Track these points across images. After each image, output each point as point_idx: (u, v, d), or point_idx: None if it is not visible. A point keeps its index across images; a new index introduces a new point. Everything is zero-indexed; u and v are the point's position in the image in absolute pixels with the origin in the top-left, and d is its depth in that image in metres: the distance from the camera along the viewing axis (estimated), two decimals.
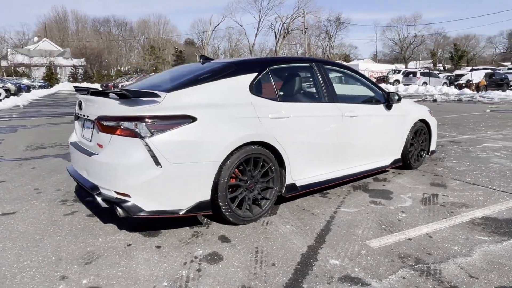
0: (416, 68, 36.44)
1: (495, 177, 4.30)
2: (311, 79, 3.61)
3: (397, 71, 31.37)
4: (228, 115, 2.77)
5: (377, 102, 4.14)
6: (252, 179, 2.92)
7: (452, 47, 59.07)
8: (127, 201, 2.48)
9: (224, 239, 2.70)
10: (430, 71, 31.81)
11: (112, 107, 2.61)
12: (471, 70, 27.14)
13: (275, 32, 50.10)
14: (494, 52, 71.29)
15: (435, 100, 17.65)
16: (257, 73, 3.07)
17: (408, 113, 4.41)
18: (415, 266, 2.31)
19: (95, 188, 2.66)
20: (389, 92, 4.15)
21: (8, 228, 2.90)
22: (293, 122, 3.12)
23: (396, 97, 4.10)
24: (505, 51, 70.33)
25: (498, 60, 65.92)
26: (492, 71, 25.65)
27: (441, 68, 53.22)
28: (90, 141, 2.87)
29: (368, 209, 3.29)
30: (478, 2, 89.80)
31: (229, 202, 2.76)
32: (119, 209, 2.49)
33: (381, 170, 4.35)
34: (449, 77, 28.65)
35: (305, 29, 34.63)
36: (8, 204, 3.44)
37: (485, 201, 3.48)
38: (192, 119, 2.57)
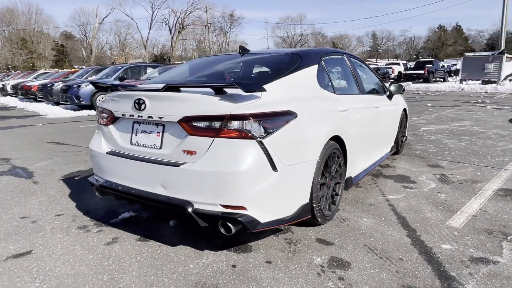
0: None
1: (465, 155, 5.00)
2: (344, 71, 3.61)
3: None
4: (315, 109, 2.58)
5: (378, 93, 4.38)
6: (329, 175, 2.80)
7: (331, 45, 66.09)
8: (241, 215, 2.11)
9: (324, 242, 2.53)
10: None
11: (208, 104, 2.16)
12: None
13: (169, 27, 48.28)
14: (363, 50, 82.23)
15: None
16: (317, 65, 2.93)
17: (398, 103, 4.80)
18: (508, 238, 2.56)
19: (187, 204, 2.18)
20: (392, 83, 4.43)
21: (47, 273, 2.17)
22: (351, 114, 3.09)
23: (395, 88, 4.37)
24: (370, 49, 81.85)
25: (366, 57, 76.30)
26: (376, 66, 29.66)
27: None
28: (160, 148, 2.34)
29: (410, 194, 3.48)
30: (350, 6, 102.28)
31: (319, 202, 2.60)
32: (231, 225, 2.10)
33: None
34: None
35: (208, 24, 34.26)
36: (8, 243, 2.56)
37: (484, 175, 4.04)
38: (295, 114, 2.32)
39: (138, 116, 2.41)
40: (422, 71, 25.31)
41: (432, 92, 17.95)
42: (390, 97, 4.42)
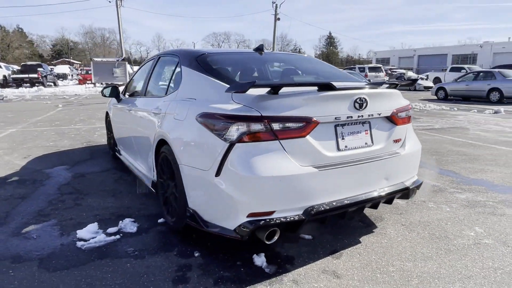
0: None
1: None
2: None
3: None
4: None
5: None
6: None
7: None
8: (419, 179, 2.73)
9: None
10: None
11: (399, 97, 2.60)
12: None
13: None
14: None
15: None
16: None
17: None
18: None
19: (404, 184, 2.53)
20: None
21: None
22: None
23: None
24: None
25: None
26: None
27: None
28: (372, 144, 2.37)
29: None
30: None
31: None
32: (417, 190, 2.68)
33: None
34: None
35: None
36: None
37: None
38: None
39: (358, 116, 2.27)
40: (36, 75, 23.33)
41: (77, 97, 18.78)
42: None
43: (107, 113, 5.21)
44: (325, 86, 2.15)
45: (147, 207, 3.23)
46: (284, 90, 2.13)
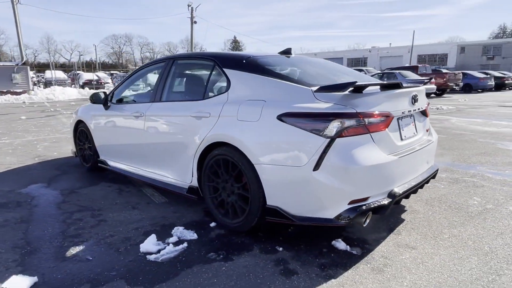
0: None
1: None
2: None
3: None
4: None
5: None
6: None
7: None
8: (435, 163, 3.23)
9: None
10: None
11: (425, 94, 3.05)
12: None
13: None
14: None
15: None
16: None
17: None
18: None
19: (434, 167, 3.04)
20: None
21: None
22: None
23: None
24: None
25: None
26: None
27: None
28: (415, 134, 2.78)
29: None
30: None
31: None
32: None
33: None
34: None
35: None
36: None
37: None
38: None
39: (413, 110, 2.68)
40: None
41: None
42: None
43: (78, 122, 4.73)
44: (395, 85, 2.50)
45: (184, 215, 3.13)
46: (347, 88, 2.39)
